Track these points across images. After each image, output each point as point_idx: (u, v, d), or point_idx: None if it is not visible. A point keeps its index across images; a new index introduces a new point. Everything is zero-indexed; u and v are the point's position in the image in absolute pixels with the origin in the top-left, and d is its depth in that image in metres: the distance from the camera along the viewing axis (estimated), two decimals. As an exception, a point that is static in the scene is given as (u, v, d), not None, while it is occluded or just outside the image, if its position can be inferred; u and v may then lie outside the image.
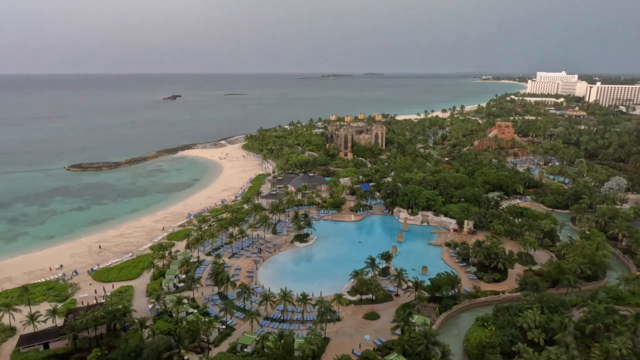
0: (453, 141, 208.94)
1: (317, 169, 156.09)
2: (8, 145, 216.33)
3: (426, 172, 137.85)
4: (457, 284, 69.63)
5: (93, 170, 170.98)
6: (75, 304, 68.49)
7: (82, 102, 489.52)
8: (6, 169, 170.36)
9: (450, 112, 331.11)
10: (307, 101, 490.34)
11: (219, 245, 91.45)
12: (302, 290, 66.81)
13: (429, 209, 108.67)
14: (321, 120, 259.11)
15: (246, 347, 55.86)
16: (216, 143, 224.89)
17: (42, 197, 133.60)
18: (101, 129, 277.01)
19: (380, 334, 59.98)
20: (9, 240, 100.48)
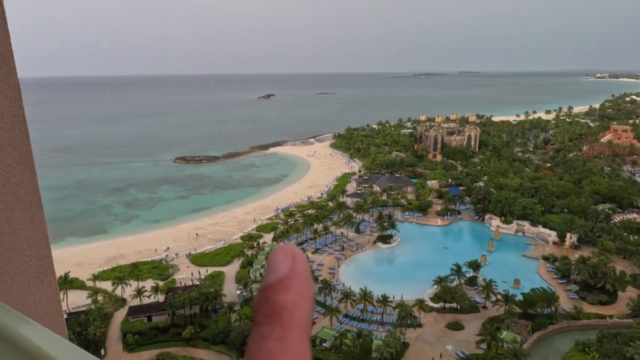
0: (557, 145, 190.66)
1: (404, 169, 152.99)
2: (124, 138, 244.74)
3: (524, 178, 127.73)
4: (554, 302, 63.66)
5: (194, 162, 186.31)
6: (175, 283, 75.53)
7: (186, 100, 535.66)
8: (123, 159, 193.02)
9: (555, 114, 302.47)
10: (397, 100, 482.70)
11: (304, 240, 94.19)
12: (382, 291, 66.14)
13: (525, 218, 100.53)
14: (410, 120, 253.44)
15: (325, 342, 56.91)
16: (305, 141, 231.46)
17: (151, 185, 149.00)
18: (202, 125, 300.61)
19: (464, 346, 57.13)
20: (124, 221, 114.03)
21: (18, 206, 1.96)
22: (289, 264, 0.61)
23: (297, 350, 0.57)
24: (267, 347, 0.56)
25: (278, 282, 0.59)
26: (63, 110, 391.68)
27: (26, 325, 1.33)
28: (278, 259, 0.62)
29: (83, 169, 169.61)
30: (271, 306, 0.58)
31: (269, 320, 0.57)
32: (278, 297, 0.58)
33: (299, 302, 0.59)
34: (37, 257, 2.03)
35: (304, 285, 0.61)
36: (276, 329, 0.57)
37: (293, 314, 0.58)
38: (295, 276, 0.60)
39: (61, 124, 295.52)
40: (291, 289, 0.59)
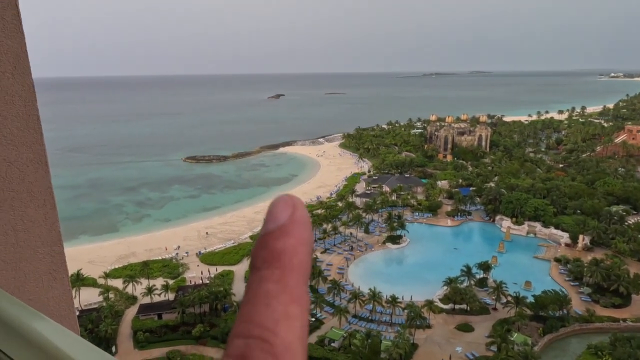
0: (570, 146, 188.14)
1: (414, 170, 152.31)
2: (136, 138, 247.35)
3: (536, 178, 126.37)
4: (566, 304, 62.90)
5: (205, 162, 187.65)
6: (185, 282, 76.15)
7: (196, 100, 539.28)
8: (135, 158, 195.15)
9: (568, 114, 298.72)
10: (407, 100, 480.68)
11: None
12: (391, 292, 65.92)
13: (537, 220, 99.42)
14: (420, 120, 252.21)
15: (333, 342, 56.92)
16: (314, 141, 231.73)
17: (162, 185, 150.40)
18: (212, 125, 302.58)
19: (474, 348, 56.72)
20: (135, 220, 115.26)
21: (32, 204, 1.99)
22: (289, 212, 0.61)
23: (295, 292, 0.56)
24: (265, 288, 0.56)
25: (277, 229, 0.59)
26: (75, 110, 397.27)
27: (40, 321, 1.36)
28: (278, 208, 0.61)
29: (95, 168, 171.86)
30: (270, 251, 0.58)
31: (268, 264, 0.57)
32: (277, 243, 0.58)
33: (298, 247, 0.59)
34: (51, 254, 2.06)
35: (304, 231, 0.60)
36: (275, 272, 0.57)
37: (292, 258, 0.58)
38: (295, 223, 0.60)
39: (73, 123, 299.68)
40: (291, 235, 0.59)
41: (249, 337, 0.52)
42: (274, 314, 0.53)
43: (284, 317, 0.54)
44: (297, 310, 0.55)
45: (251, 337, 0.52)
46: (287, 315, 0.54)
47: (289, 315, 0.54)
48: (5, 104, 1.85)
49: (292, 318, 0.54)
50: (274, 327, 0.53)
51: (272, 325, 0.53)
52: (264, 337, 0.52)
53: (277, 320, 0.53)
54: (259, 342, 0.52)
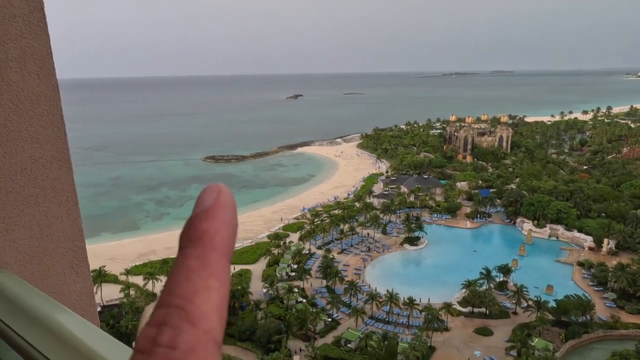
0: (595, 147, 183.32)
1: (433, 171, 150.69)
2: (156, 137, 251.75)
3: (558, 180, 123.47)
4: (589, 309, 61.26)
5: (224, 161, 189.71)
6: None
7: (215, 100, 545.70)
8: (155, 157, 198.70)
9: (592, 114, 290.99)
10: (426, 100, 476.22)
11: (330, 240, 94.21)
12: (409, 293, 65.38)
13: (560, 222, 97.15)
14: (439, 121, 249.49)
15: (350, 342, 56.77)
16: (332, 141, 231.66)
17: (182, 184, 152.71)
18: (231, 125, 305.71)
19: (493, 352, 55.77)
20: (155, 218, 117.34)
21: (56, 200, 2.05)
22: (214, 196, 0.64)
23: (215, 267, 0.59)
24: (187, 264, 0.59)
25: (202, 212, 0.62)
26: (96, 110, 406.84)
27: (62, 313, 1.42)
28: (204, 194, 0.65)
29: (117, 167, 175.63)
30: (194, 231, 0.61)
31: (191, 243, 0.60)
32: (201, 224, 0.61)
33: (220, 227, 0.62)
34: (73, 249, 2.12)
35: (226, 214, 0.63)
36: (197, 250, 0.60)
37: (214, 237, 0.61)
38: (219, 207, 0.63)
39: (95, 123, 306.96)
40: (214, 217, 0.62)
41: (169, 306, 0.56)
42: (193, 286, 0.57)
43: (202, 289, 0.57)
44: (216, 284, 0.58)
45: (171, 306, 0.56)
46: (206, 288, 0.57)
47: (208, 288, 0.57)
48: (31, 104, 1.93)
49: (210, 290, 0.57)
50: (192, 297, 0.56)
51: (190, 296, 0.56)
52: (182, 306, 0.55)
53: (195, 292, 0.57)
54: (177, 310, 0.55)
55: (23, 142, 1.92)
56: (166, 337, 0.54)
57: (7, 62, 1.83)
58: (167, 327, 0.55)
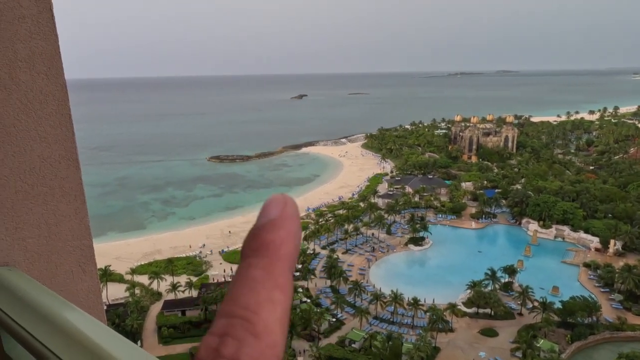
0: (601, 147, 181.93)
1: (437, 171, 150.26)
2: (161, 137, 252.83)
3: (564, 181, 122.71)
4: (596, 311, 60.87)
5: (228, 161, 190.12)
6: (208, 279, 77.35)
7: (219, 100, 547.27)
8: (161, 157, 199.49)
9: (599, 114, 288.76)
10: (431, 100, 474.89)
11: (334, 240, 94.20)
12: (413, 294, 65.26)
13: (566, 223, 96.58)
14: (444, 121, 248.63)
15: (354, 342, 56.75)
16: (337, 141, 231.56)
17: (187, 183, 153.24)
18: (235, 125, 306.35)
19: (497, 353, 55.57)
20: (161, 218, 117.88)
21: (64, 199, 2.07)
22: (280, 208, 0.65)
23: (280, 279, 0.59)
24: (252, 274, 0.59)
25: (268, 223, 0.63)
26: (102, 110, 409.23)
27: (71, 311, 1.44)
28: (270, 205, 0.66)
29: (123, 167, 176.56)
30: (260, 242, 0.62)
31: (256, 253, 0.61)
32: (267, 235, 0.62)
33: (286, 239, 0.62)
34: (80, 248, 2.14)
35: (292, 225, 0.64)
36: (263, 260, 0.60)
37: (280, 249, 0.61)
38: (285, 218, 0.64)
39: (101, 123, 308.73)
40: (280, 228, 0.62)
41: (233, 316, 0.55)
42: (257, 297, 0.57)
43: (267, 301, 0.57)
44: (281, 296, 0.58)
45: (234, 316, 0.55)
46: (271, 300, 0.57)
47: (272, 300, 0.57)
48: (39, 103, 1.94)
49: (274, 302, 0.57)
50: (256, 308, 0.56)
51: (254, 307, 0.56)
52: (246, 317, 0.55)
53: (260, 303, 0.56)
54: (241, 321, 0.55)
55: (32, 142, 1.94)
56: (229, 349, 0.53)
57: (16, 62, 1.86)
58: (231, 339, 0.54)
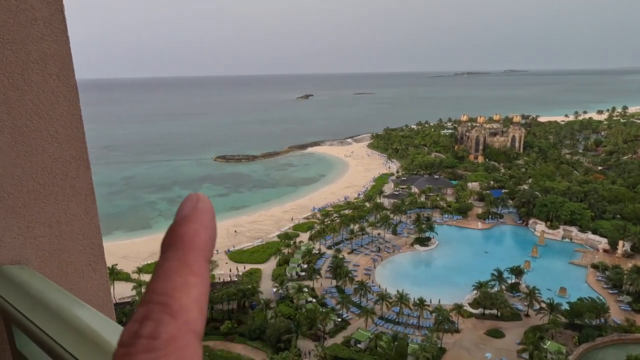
0: (610, 147, 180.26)
1: (444, 171, 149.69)
2: (168, 137, 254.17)
3: (572, 181, 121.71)
4: (604, 312, 60.32)
5: (234, 161, 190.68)
6: (214, 279, 77.60)
7: (226, 100, 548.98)
8: (167, 157, 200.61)
9: (608, 114, 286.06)
10: (437, 100, 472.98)
11: (340, 240, 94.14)
12: (419, 294, 65.05)
13: (573, 224, 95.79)
14: (451, 121, 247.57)
15: (359, 342, 56.68)
16: (343, 141, 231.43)
17: (194, 183, 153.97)
18: (241, 125, 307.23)
19: (504, 355, 55.24)
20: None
21: (74, 198, 2.11)
22: (193, 204, 0.69)
23: (194, 266, 0.63)
24: (168, 265, 0.62)
25: (181, 218, 0.67)
26: (108, 110, 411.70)
27: (81, 308, 1.48)
28: (184, 203, 0.69)
29: (130, 166, 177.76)
30: (174, 236, 0.65)
31: (171, 247, 0.64)
32: (180, 228, 0.66)
33: (199, 230, 0.66)
34: (90, 247, 2.18)
35: (205, 218, 0.67)
36: (177, 252, 0.64)
37: (193, 239, 0.65)
38: (197, 212, 0.67)
39: (109, 123, 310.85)
40: (192, 221, 0.66)
41: (151, 302, 0.59)
42: (173, 283, 0.61)
43: (182, 285, 0.61)
44: (196, 280, 0.62)
45: (152, 302, 0.59)
46: (186, 284, 0.61)
47: (187, 284, 0.61)
48: (51, 104, 1.98)
49: (190, 285, 0.61)
50: (172, 292, 0.60)
51: (170, 291, 0.60)
52: (163, 301, 0.59)
53: (175, 288, 0.60)
54: (158, 305, 0.59)
55: (43, 142, 1.98)
56: (148, 329, 0.57)
57: (28, 63, 1.89)
58: (149, 320, 0.58)
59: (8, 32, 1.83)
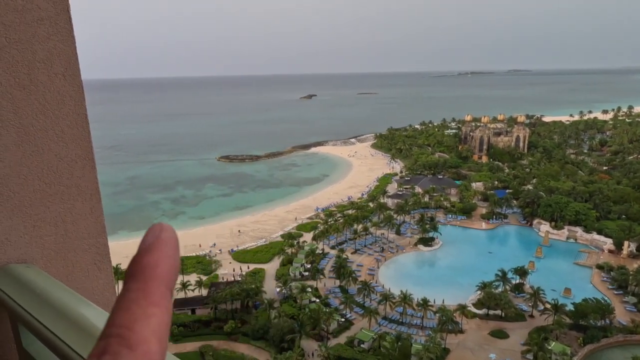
0: (615, 147, 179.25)
1: (447, 171, 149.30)
2: (172, 137, 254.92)
3: (577, 181, 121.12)
4: (609, 313, 59.96)
5: (238, 161, 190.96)
6: (217, 278, 77.79)
7: (229, 100, 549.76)
8: (171, 157, 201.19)
9: (613, 114, 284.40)
10: (441, 100, 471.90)
11: (344, 240, 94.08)
12: (422, 294, 64.91)
13: (578, 224, 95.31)
14: (455, 121, 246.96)
15: (363, 343, 56.62)
16: (346, 141, 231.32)
17: (197, 183, 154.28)
18: (245, 125, 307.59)
19: (508, 355, 55.02)
20: (171, 217, 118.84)
21: (80, 197, 2.12)
22: (156, 234, 0.70)
23: (155, 297, 0.62)
24: (128, 296, 0.62)
25: (144, 249, 0.68)
26: (112, 110, 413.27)
27: (87, 307, 1.49)
28: (148, 233, 0.71)
29: (134, 166, 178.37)
30: (136, 266, 0.65)
31: (133, 277, 0.64)
32: (142, 259, 0.66)
33: (161, 260, 0.66)
34: (96, 246, 2.19)
35: (167, 248, 0.68)
36: (138, 283, 0.64)
37: (155, 270, 0.65)
38: (160, 242, 0.69)
39: (113, 123, 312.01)
40: (155, 251, 0.67)
41: (109, 336, 0.59)
42: (132, 315, 0.60)
43: (141, 317, 0.60)
44: (155, 311, 0.61)
45: (111, 335, 0.59)
46: (145, 315, 0.60)
47: (147, 315, 0.61)
48: (57, 104, 1.99)
49: (149, 316, 0.61)
50: (131, 325, 0.59)
51: (129, 324, 0.59)
52: (120, 334, 0.58)
53: (134, 320, 0.60)
54: (116, 338, 0.58)
55: (49, 141, 1.99)
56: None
57: (34, 63, 1.90)
58: (107, 355, 0.57)
59: (14, 32, 1.83)
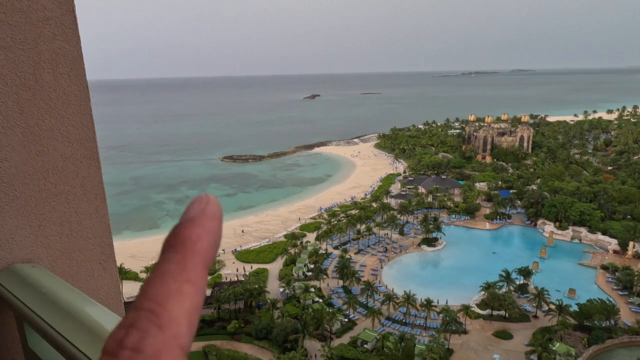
0: (620, 147, 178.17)
1: (451, 171, 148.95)
2: (176, 137, 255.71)
3: (582, 181, 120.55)
4: (614, 314, 59.60)
5: (241, 161, 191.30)
6: (221, 278, 77.95)
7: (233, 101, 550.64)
8: (175, 157, 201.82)
9: (618, 113, 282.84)
10: (444, 100, 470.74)
11: (347, 240, 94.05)
12: (426, 295, 64.82)
13: (583, 225, 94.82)
14: (458, 121, 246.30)
15: (366, 343, 56.59)
16: (349, 141, 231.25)
17: (201, 183, 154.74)
18: (248, 125, 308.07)
19: (512, 356, 54.83)
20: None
21: (85, 197, 2.12)
22: (202, 207, 0.66)
23: (192, 274, 0.60)
24: (166, 268, 0.60)
25: (187, 220, 0.65)
26: (119, 111, 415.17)
27: (93, 307, 1.50)
28: (192, 204, 0.67)
29: (138, 166, 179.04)
30: (177, 238, 0.63)
31: (172, 249, 0.62)
32: (184, 231, 0.63)
33: (203, 234, 0.63)
34: (101, 246, 2.19)
35: (212, 223, 0.65)
36: (178, 255, 0.61)
37: (196, 244, 0.62)
38: (204, 216, 0.65)
39: (118, 123, 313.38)
40: (197, 225, 0.64)
41: (141, 309, 0.57)
42: (167, 290, 0.58)
43: (175, 294, 0.58)
44: (191, 290, 0.59)
45: (142, 309, 0.56)
46: (180, 292, 0.58)
47: (182, 293, 0.58)
48: (62, 104, 2.00)
49: (183, 295, 0.58)
50: (163, 301, 0.57)
51: (162, 299, 0.57)
52: (153, 309, 0.56)
53: (167, 296, 0.58)
54: (147, 313, 0.56)
55: (55, 141, 2.00)
56: (132, 340, 0.54)
57: (40, 63, 1.91)
58: (135, 330, 0.55)
59: (20, 32, 1.83)
